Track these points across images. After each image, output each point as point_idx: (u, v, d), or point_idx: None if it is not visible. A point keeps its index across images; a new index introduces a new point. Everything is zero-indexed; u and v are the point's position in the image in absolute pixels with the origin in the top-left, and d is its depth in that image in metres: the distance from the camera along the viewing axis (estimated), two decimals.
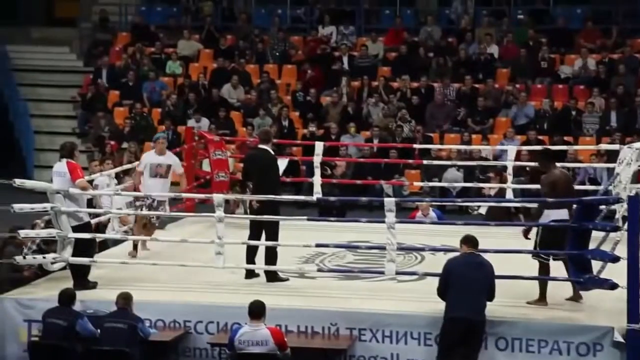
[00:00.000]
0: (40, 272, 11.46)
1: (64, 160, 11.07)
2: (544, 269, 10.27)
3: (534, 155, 14.87)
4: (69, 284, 10.75)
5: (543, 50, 21.02)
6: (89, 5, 24.71)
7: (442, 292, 9.71)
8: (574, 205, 10.12)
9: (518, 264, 10.46)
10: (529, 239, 10.50)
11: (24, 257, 11.07)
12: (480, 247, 10.38)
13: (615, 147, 14.51)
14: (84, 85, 22.38)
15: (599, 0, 22.57)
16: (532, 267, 10.41)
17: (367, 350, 10.06)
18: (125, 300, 9.95)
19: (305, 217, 11.85)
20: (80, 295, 10.36)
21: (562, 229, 10.07)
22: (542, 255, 10.20)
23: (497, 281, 9.88)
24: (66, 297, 10.07)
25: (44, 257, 11.05)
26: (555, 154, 10.82)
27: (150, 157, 12.24)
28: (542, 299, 10.25)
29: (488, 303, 9.67)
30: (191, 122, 19.89)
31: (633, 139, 16.86)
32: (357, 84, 21.26)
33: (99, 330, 9.91)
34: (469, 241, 9.79)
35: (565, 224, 10.07)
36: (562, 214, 10.13)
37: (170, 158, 12.23)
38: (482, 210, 16.03)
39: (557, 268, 10.31)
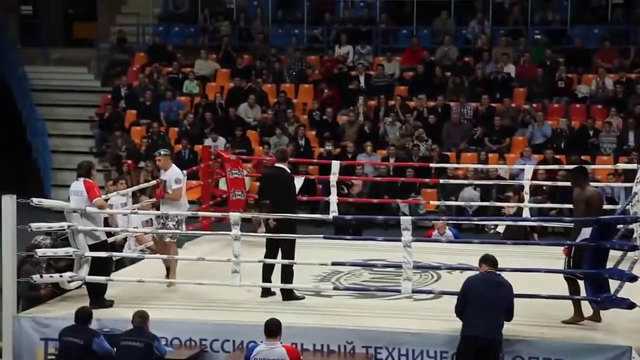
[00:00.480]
0: (57, 290, 11.49)
1: (81, 180, 11.10)
2: (575, 288, 10.21)
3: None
4: (86, 302, 10.76)
5: (560, 70, 21.00)
6: (107, 26, 24.89)
7: (459, 310, 9.68)
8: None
9: (534, 283, 10.41)
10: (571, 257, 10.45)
11: (41, 276, 11.10)
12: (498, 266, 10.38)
13: (633, 166, 14.47)
14: (102, 105, 22.51)
15: (617, 20, 22.55)
16: (549, 285, 10.37)
17: None
18: (141, 318, 9.95)
19: (321, 236, 11.83)
20: (97, 313, 10.37)
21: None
22: (577, 274, 10.13)
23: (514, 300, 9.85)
24: (83, 316, 10.08)
25: (60, 276, 11.08)
26: (586, 172, 10.74)
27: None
28: (578, 313, 10.17)
29: (505, 322, 9.63)
30: (208, 141, 19.96)
31: None
32: (374, 103, 21.29)
33: (115, 349, 9.91)
34: (488, 260, 9.76)
35: (584, 243, 10.02)
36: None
37: (167, 174, 11.78)
38: (500, 229, 15.98)
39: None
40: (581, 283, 10.18)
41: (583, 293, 10.14)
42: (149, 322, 9.96)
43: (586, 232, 10.08)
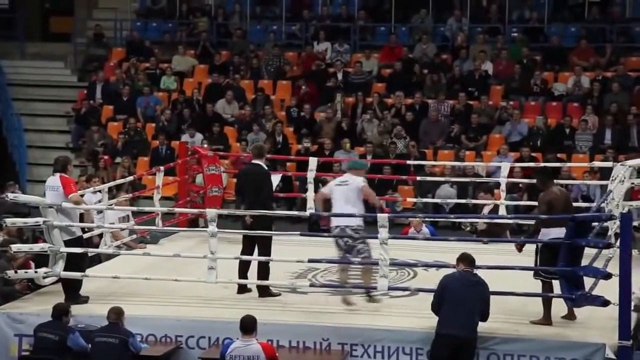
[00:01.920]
0: (33, 285, 11.44)
1: (57, 175, 11.08)
2: (548, 288, 10.25)
3: (532, 173, 14.89)
4: (61, 298, 10.74)
5: (535, 77, 20.96)
6: (84, 21, 24.77)
7: (436, 308, 9.70)
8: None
9: (510, 280, 10.46)
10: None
11: (16, 272, 11.05)
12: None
13: (609, 164, 14.56)
14: (78, 100, 22.40)
15: (593, 19, 22.65)
16: (524, 283, 10.41)
17: None
18: (116, 314, 9.94)
19: (298, 233, 11.85)
20: (72, 309, 10.34)
21: (558, 247, 10.07)
22: (542, 274, 10.19)
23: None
24: (59, 312, 10.05)
25: (35, 272, 11.04)
26: (553, 172, 10.80)
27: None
28: (546, 317, 10.22)
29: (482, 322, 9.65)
30: (185, 137, 19.92)
31: (626, 157, 16.89)
32: (352, 100, 21.29)
33: (90, 345, 9.89)
34: (466, 259, 9.78)
35: (558, 241, 10.09)
36: (558, 232, 10.12)
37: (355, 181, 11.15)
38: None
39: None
40: (555, 283, 10.23)
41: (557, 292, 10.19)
42: (124, 318, 9.95)
43: (548, 233, 10.15)
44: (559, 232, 10.12)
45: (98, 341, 9.82)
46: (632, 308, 9.86)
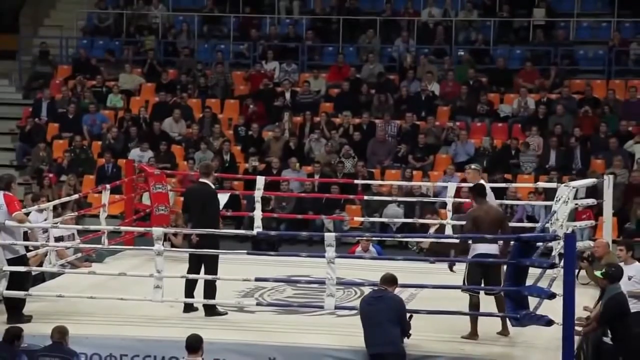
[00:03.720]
0: None
1: (1, 193, 10.96)
2: (474, 303, 10.36)
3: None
4: (3, 317, 10.58)
5: (482, 101, 21.17)
6: (29, 39, 24.55)
7: None
8: (501, 241, 10.30)
9: (457, 299, 10.52)
10: (454, 272, 10.64)
11: None
12: (419, 282, 10.50)
13: (553, 185, 14.74)
14: (23, 117, 22.19)
15: (538, 41, 22.95)
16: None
17: None
18: (60, 334, 9.82)
19: (244, 251, 11.83)
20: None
21: (486, 264, 10.19)
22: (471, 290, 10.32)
23: (432, 316, 9.96)
24: (11, 336, 9.88)
25: None
26: (482, 189, 10.92)
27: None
28: (473, 333, 10.32)
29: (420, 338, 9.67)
30: (136, 152, 19.84)
31: (570, 178, 17.11)
32: (299, 119, 21.34)
33: None
34: (381, 278, 9.96)
35: (496, 260, 10.21)
36: (486, 248, 10.29)
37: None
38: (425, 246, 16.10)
39: (489, 303, 10.41)
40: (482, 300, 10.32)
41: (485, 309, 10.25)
42: (68, 337, 9.83)
43: (474, 249, 10.28)
44: (486, 249, 10.28)
45: None
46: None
